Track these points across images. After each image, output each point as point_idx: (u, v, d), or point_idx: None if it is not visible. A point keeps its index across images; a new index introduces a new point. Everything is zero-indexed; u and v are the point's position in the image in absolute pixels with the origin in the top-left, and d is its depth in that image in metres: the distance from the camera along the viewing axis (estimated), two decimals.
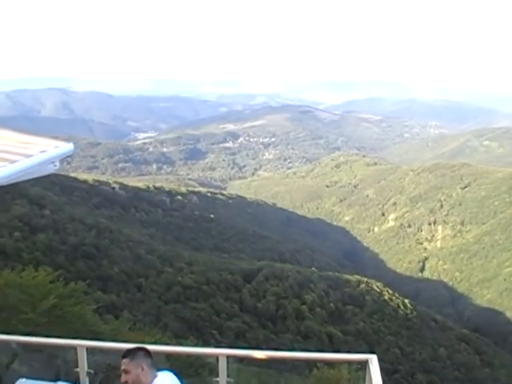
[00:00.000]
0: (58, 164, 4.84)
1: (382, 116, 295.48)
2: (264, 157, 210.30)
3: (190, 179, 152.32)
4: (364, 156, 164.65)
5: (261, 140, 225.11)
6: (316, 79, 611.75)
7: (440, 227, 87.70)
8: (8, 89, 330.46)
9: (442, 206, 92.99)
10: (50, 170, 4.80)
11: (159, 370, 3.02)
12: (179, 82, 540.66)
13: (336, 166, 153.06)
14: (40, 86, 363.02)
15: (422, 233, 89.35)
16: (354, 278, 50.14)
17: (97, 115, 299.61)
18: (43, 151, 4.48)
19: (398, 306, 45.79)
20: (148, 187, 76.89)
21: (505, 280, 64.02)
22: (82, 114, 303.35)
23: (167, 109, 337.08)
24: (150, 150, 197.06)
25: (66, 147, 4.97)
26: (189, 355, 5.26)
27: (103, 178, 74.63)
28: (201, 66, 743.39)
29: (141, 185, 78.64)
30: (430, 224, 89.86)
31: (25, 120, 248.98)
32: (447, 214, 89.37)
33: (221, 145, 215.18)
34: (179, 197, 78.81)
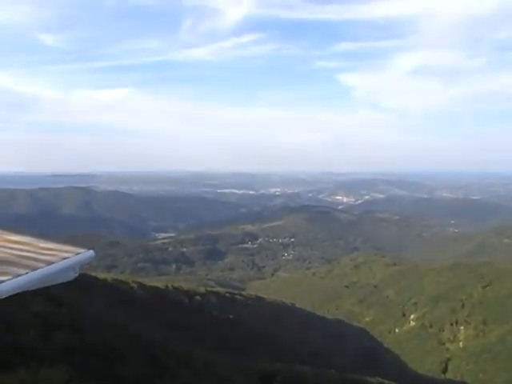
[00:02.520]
0: (78, 271, 5.04)
1: (400, 215, 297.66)
2: (283, 257, 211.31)
3: (208, 279, 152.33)
4: (383, 256, 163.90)
5: (280, 241, 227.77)
6: (335, 179, 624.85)
7: (462, 327, 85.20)
8: (31, 187, 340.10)
9: (463, 306, 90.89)
10: (71, 276, 4.99)
11: None
12: (200, 184, 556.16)
13: (355, 266, 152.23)
14: (62, 184, 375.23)
15: (444, 333, 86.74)
16: (376, 380, 48.68)
17: (117, 214, 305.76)
18: (65, 258, 4.66)
19: None
20: (167, 287, 77.18)
21: None
22: (103, 212, 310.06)
23: (187, 209, 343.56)
24: (170, 249, 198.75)
25: (87, 254, 5.25)
26: None
27: (122, 277, 75.24)
28: (222, 167, 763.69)
29: (160, 284, 78.90)
30: (451, 324, 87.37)
31: (46, 218, 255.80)
32: (469, 314, 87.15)
33: (240, 245, 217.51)
34: (198, 297, 78.66)
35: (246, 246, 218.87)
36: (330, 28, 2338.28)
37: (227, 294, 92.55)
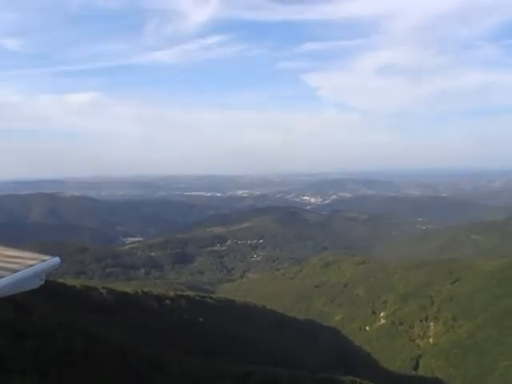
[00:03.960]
0: (44, 278, 4.96)
1: (368, 214, 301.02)
2: (252, 259, 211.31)
3: (178, 283, 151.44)
4: (352, 255, 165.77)
5: (248, 242, 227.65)
6: (303, 180, 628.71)
7: (432, 323, 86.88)
8: None
9: (432, 302, 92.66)
10: (37, 284, 4.94)
11: None
12: (168, 187, 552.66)
13: (324, 266, 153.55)
14: (28, 190, 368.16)
15: (414, 329, 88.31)
16: (348, 378, 49.32)
17: (85, 220, 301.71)
18: (30, 266, 4.64)
19: None
20: (136, 292, 76.51)
21: (501, 375, 62.83)
22: (70, 218, 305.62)
23: (155, 213, 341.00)
24: (138, 254, 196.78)
25: (53, 261, 5.19)
26: None
27: (91, 284, 74.26)
28: (190, 170, 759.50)
29: (129, 289, 78.14)
30: (421, 321, 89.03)
31: (13, 226, 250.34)
32: (438, 310, 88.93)
33: (209, 248, 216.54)
34: (168, 301, 78.19)
35: (214, 248, 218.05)
36: (294, 28, 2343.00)
37: (197, 298, 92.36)
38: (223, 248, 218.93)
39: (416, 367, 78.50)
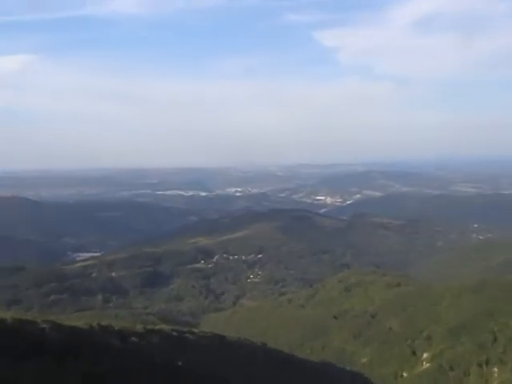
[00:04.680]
0: None
1: (404, 220, 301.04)
2: (248, 280, 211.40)
3: (148, 313, 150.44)
4: (383, 275, 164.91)
5: (243, 258, 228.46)
6: (315, 173, 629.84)
7: (496, 369, 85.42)
8: None
9: (495, 340, 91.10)
10: None
11: None
12: (134, 184, 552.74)
13: (346, 290, 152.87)
14: None
15: (471, 377, 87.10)
16: None
17: (20, 229, 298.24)
18: None
19: None
20: (91, 327, 75.49)
21: None
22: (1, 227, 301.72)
23: (117, 219, 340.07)
24: (94, 275, 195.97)
25: None
26: None
27: (28, 316, 73.13)
28: (164, 161, 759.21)
29: (81, 323, 77.11)
30: (480, 365, 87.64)
31: None
32: (504, 351, 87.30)
33: (190, 266, 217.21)
34: (134, 338, 77.23)
35: (198, 266, 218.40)
36: None
37: (174, 333, 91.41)
38: (209, 265, 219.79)
39: None
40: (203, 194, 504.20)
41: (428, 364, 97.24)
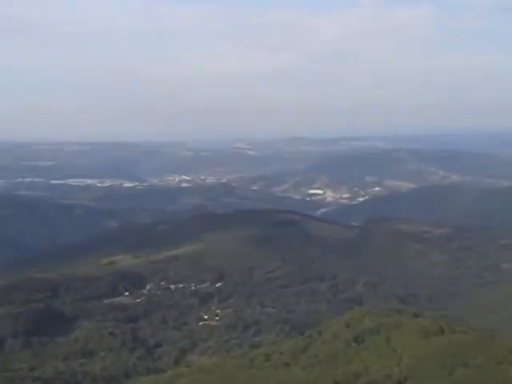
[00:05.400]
0: None
1: (451, 228, 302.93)
2: (201, 323, 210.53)
3: (36, 379, 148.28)
4: (416, 315, 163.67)
5: (193, 287, 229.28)
6: (308, 152, 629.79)
7: None
8: None
9: None
10: None
11: None
12: (11, 169, 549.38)
13: (356, 339, 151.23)
14: None
15: None
16: None
17: None
18: None
19: None
20: None
21: None
22: None
23: None
24: None
25: None
26: None
27: None
28: (61, 131, 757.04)
29: None
30: None
31: None
32: None
33: (106, 300, 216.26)
34: None
35: (119, 300, 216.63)
36: None
37: None
38: (138, 300, 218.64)
39: None
40: (128, 184, 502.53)
41: None
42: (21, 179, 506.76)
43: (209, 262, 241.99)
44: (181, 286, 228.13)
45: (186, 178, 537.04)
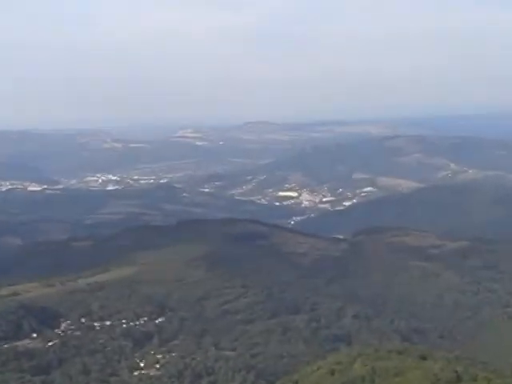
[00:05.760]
0: None
1: (468, 240, 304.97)
2: (136, 373, 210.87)
3: None
4: (422, 357, 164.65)
5: (124, 325, 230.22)
6: (276, 142, 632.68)
7: None
8: None
9: None
10: None
11: None
12: None
13: None
14: None
15: None
16: None
17: None
18: None
19: None
20: None
21: None
22: None
23: None
24: None
25: None
26: None
27: None
28: None
29: None
30: None
31: None
32: None
33: (7, 344, 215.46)
34: None
35: (22, 344, 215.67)
36: None
37: None
38: (50, 343, 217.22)
39: None
40: (35, 187, 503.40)
41: None
42: None
43: (145, 290, 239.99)
44: (108, 323, 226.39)
45: (113, 178, 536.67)
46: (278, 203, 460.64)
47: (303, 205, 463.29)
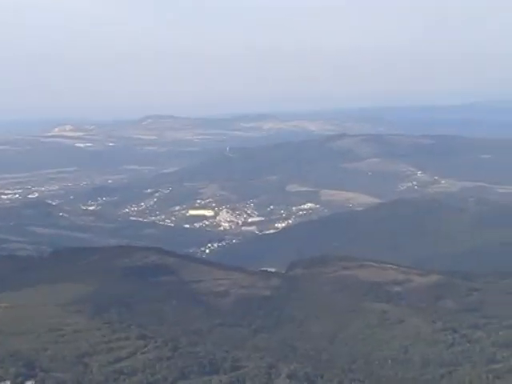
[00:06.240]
0: None
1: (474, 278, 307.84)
2: None
3: None
4: None
5: None
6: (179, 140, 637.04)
7: None
8: None
9: None
10: None
11: None
12: None
13: None
14: None
15: None
16: None
17: None
18: None
19: None
20: None
21: None
22: None
23: None
24: None
25: None
26: None
27: None
28: None
29: None
30: None
31: None
32: None
33: None
34: None
35: None
36: None
37: None
38: None
39: None
40: None
41: None
42: None
43: (9, 344, 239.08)
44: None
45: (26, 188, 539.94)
46: (187, 225, 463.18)
47: (221, 227, 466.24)
